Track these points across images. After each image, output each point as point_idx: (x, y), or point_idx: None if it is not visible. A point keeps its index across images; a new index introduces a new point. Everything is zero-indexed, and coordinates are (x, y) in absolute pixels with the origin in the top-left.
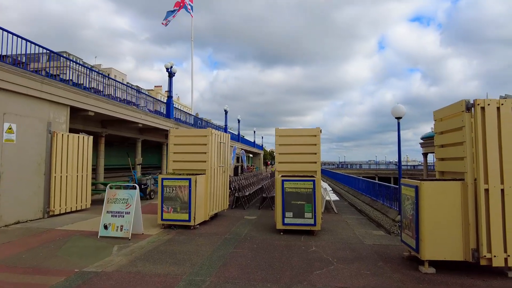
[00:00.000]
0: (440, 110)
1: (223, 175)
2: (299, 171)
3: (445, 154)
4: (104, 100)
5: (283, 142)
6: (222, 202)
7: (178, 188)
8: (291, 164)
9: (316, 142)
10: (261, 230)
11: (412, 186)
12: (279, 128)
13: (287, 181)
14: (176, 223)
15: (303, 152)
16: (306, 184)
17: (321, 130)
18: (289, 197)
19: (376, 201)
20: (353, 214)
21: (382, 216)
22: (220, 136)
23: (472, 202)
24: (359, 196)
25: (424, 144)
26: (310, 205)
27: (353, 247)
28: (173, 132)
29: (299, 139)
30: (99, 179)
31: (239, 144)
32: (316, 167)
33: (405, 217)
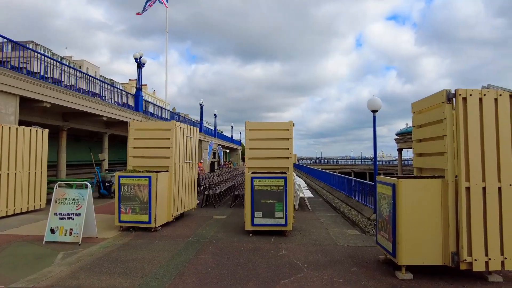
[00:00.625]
0: (418, 102)
1: (190, 172)
2: (271, 167)
3: (424, 149)
4: (62, 91)
5: (253, 136)
6: (189, 201)
7: (136, 187)
8: (262, 160)
9: (289, 136)
10: (229, 232)
11: (389, 184)
12: (249, 122)
13: (257, 178)
14: (135, 225)
15: (275, 147)
16: (277, 182)
17: (293, 124)
18: (259, 196)
19: (351, 198)
20: (328, 212)
21: (357, 214)
22: (187, 129)
23: (453, 202)
24: (334, 192)
25: (399, 140)
26: (281, 204)
27: (326, 249)
28: (133, 124)
29: (271, 134)
30: (60, 177)
31: (215, 140)
32: (288, 163)
33: (381, 217)
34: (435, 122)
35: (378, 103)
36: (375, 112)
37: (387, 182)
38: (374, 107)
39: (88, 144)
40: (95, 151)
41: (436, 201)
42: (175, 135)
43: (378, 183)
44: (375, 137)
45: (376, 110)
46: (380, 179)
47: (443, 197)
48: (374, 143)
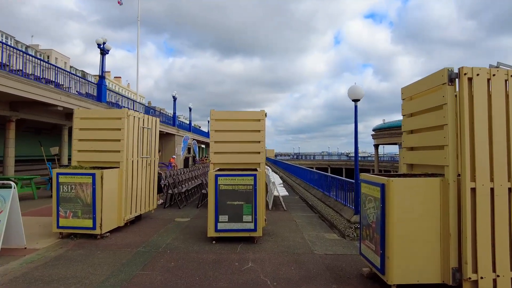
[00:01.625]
0: (411, 86)
1: (148, 168)
2: (240, 163)
3: (416, 142)
4: (5, 75)
5: (220, 127)
6: (147, 201)
7: (78, 186)
8: (230, 155)
9: (260, 128)
10: (190, 238)
11: (377, 184)
12: (215, 111)
13: (222, 176)
14: (76, 231)
15: (245, 140)
16: (245, 180)
17: (266, 113)
18: (224, 197)
19: (329, 197)
20: (304, 211)
21: (335, 215)
22: (143, 119)
23: (455, 206)
24: (310, 189)
25: (376, 135)
26: (250, 206)
27: (301, 259)
28: (78, 113)
29: (240, 125)
30: (7, 173)
31: (190, 134)
32: (260, 159)
33: (365, 223)
34: (433, 109)
35: (359, 91)
36: (356, 101)
37: (375, 182)
38: (356, 95)
39: (43, 137)
40: (55, 145)
41: (434, 205)
42: (127, 125)
43: (363, 183)
44: (356, 129)
45: (357, 99)
46: (366, 177)
47: (443, 200)
48: (355, 135)
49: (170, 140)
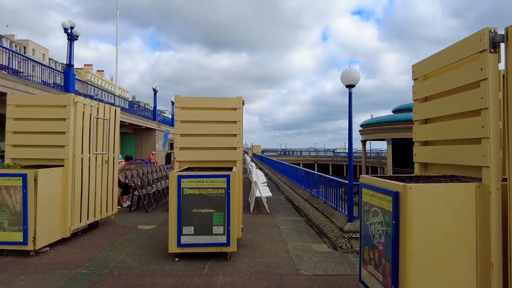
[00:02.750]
0: (426, 61)
1: (104, 166)
2: (212, 161)
3: (434, 134)
4: None
5: (187, 117)
6: (105, 205)
7: (4, 190)
8: (199, 151)
9: (237, 118)
10: (149, 253)
11: (388, 192)
12: (180, 96)
13: (187, 177)
14: (3, 247)
15: (218, 133)
16: (216, 182)
17: (243, 101)
18: (190, 203)
19: (317, 198)
20: (289, 214)
21: (325, 220)
22: (99, 108)
23: (498, 223)
24: (297, 189)
25: (363, 131)
26: (221, 215)
27: (284, 284)
28: (13, 99)
29: (212, 114)
30: None
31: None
32: (236, 155)
33: (369, 244)
34: (462, 88)
35: (355, 75)
36: (351, 87)
37: (383, 189)
38: (350, 80)
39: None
40: None
41: (468, 222)
42: (74, 114)
43: (365, 188)
44: (351, 121)
45: (352, 85)
46: (369, 181)
47: (480, 215)
48: (349, 127)
49: (150, 135)
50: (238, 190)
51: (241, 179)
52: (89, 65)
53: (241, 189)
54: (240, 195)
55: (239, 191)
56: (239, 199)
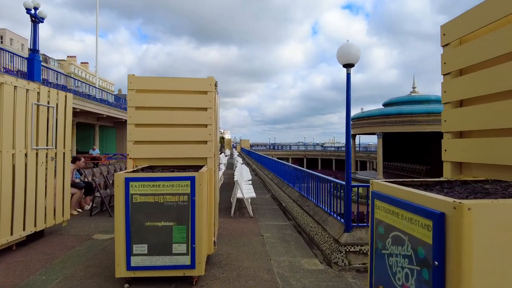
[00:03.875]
0: (463, 17)
1: (50, 164)
2: (176, 158)
3: (477, 121)
4: None
5: (143, 103)
6: (51, 211)
7: None
8: (160, 146)
9: (208, 104)
10: (92, 277)
11: (426, 211)
12: (135, 76)
13: (137, 180)
14: None
15: (183, 124)
16: (176, 187)
17: (216, 82)
18: (142, 214)
19: (307, 200)
20: (276, 218)
21: (316, 227)
22: (41, 93)
23: None
24: (284, 187)
25: (353, 125)
26: (183, 229)
27: None
28: None
29: (176, 99)
30: None
31: None
32: (206, 151)
33: (386, 284)
34: None
35: (354, 52)
36: (349, 67)
37: (418, 206)
38: (348, 58)
39: None
40: None
41: None
42: (2, 99)
43: (380, 201)
44: (349, 106)
45: (351, 64)
46: (388, 190)
47: None
48: (347, 114)
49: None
50: (209, 195)
51: (214, 181)
52: (72, 56)
53: (213, 194)
54: (213, 201)
55: (210, 197)
56: (212, 206)
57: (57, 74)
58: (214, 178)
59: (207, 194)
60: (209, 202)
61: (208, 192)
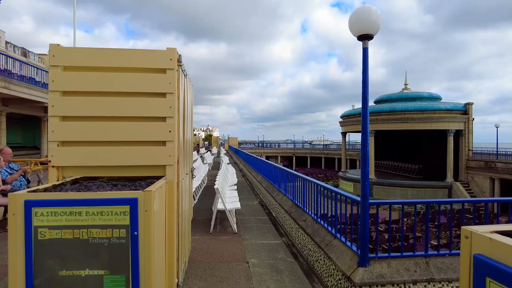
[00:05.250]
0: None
1: None
2: (122, 166)
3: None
4: None
5: (74, 85)
6: None
7: None
8: (98, 148)
9: (167, 88)
10: None
11: None
12: (60, 46)
13: (44, 204)
14: None
15: (131, 116)
16: (107, 215)
17: (180, 56)
18: (53, 259)
19: (303, 212)
20: (264, 235)
21: (317, 252)
22: None
23: None
24: (275, 193)
25: (343, 122)
26: (120, 280)
27: None
28: None
29: (119, 80)
30: None
31: None
32: (165, 156)
33: None
34: None
35: (373, 18)
36: (366, 39)
37: None
38: (365, 27)
39: None
40: None
41: None
42: None
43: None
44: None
45: (369, 36)
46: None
47: None
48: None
49: None
50: (168, 221)
51: (178, 199)
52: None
53: (176, 218)
54: (174, 231)
55: (170, 223)
56: (173, 236)
57: None
58: (177, 195)
59: (166, 220)
60: (169, 232)
61: (168, 218)
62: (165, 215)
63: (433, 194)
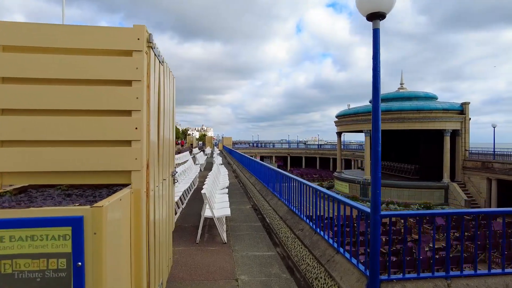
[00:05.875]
0: None
1: None
2: (77, 172)
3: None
4: None
5: (15, 70)
6: None
7: None
8: (44, 149)
9: (133, 74)
10: None
11: None
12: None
13: None
14: None
15: (89, 109)
16: (39, 240)
17: (151, 36)
18: None
19: (300, 219)
20: (257, 245)
21: (317, 268)
22: None
23: None
24: (269, 197)
25: (339, 122)
26: None
27: None
28: None
29: (73, 64)
30: None
31: None
32: (129, 160)
33: None
34: None
35: None
36: (378, 18)
37: None
38: (376, 5)
39: None
40: None
41: None
42: None
43: None
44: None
45: (380, 15)
46: None
47: None
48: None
49: None
50: (134, 246)
51: (148, 215)
52: None
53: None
54: (143, 261)
55: (137, 249)
56: (142, 269)
57: None
58: (147, 207)
59: (131, 240)
60: (136, 253)
61: (134, 236)
62: (130, 233)
63: (429, 194)
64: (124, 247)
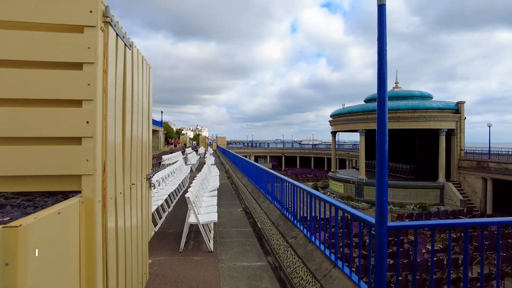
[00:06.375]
0: None
1: None
2: (16, 177)
3: None
4: None
5: None
6: None
7: None
8: None
9: (84, 55)
10: None
11: None
12: None
13: None
14: None
15: (25, 99)
16: None
17: (108, 9)
18: None
19: (293, 226)
20: (246, 254)
21: (311, 283)
22: None
23: None
24: (261, 200)
25: (333, 122)
26: None
27: None
28: None
29: (10, 41)
30: None
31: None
32: (81, 162)
33: None
34: None
35: None
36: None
37: None
38: None
39: None
40: None
41: None
42: None
43: None
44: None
45: None
46: None
47: None
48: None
49: None
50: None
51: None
52: None
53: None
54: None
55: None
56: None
57: None
58: (104, 221)
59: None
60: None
61: (86, 258)
62: (80, 253)
63: (425, 194)
64: (70, 271)
